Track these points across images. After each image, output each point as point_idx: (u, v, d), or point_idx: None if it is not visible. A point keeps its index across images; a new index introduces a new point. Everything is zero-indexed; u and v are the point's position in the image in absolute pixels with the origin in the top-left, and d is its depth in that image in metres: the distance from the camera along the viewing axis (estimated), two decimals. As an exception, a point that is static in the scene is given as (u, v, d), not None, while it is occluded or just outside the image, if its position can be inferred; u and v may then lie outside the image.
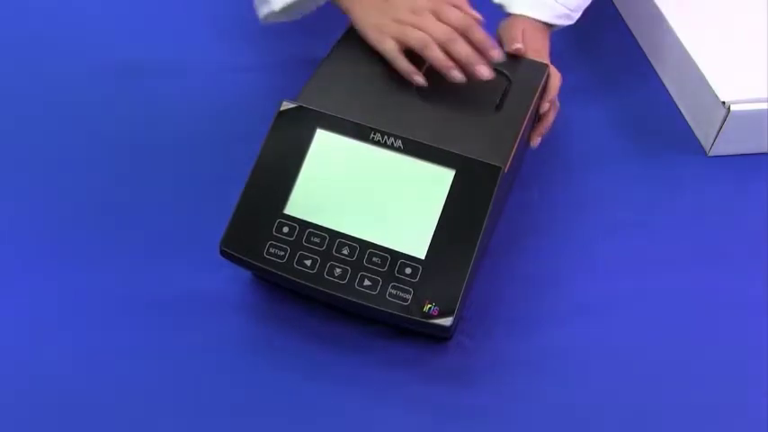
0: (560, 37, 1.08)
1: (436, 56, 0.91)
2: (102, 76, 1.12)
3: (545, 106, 0.97)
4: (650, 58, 1.20)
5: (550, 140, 1.03)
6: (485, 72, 0.91)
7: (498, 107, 0.92)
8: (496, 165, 0.84)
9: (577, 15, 1.06)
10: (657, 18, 1.15)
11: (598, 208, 1.01)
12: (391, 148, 0.85)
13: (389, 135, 0.85)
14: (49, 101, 1.09)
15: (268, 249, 0.83)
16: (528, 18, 1.02)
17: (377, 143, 0.85)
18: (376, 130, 0.85)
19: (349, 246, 0.83)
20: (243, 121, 1.04)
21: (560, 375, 0.87)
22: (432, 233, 0.83)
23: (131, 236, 0.95)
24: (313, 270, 0.82)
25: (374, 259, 0.82)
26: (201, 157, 1.02)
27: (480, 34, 0.92)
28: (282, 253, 0.83)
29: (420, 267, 0.82)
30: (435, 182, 0.84)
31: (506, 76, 0.95)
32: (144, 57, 1.14)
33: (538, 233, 0.99)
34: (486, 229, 0.84)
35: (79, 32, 1.18)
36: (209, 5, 1.22)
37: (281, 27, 1.06)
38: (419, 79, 0.91)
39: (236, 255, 0.84)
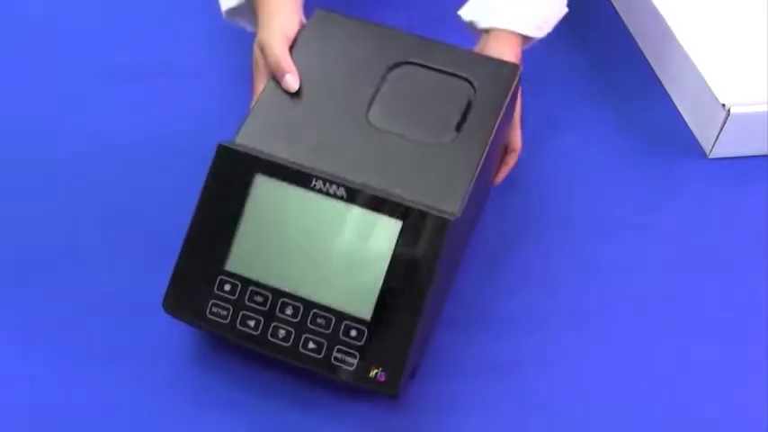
0: (560, 39, 1.07)
1: None
2: (98, 77, 1.09)
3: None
4: (650, 60, 1.18)
5: (550, 142, 1.04)
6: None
7: (459, 126, 0.84)
8: (445, 216, 0.77)
9: (548, 29, 0.97)
10: (657, 20, 1.13)
11: (598, 209, 1.00)
12: (334, 196, 0.79)
13: (332, 182, 0.79)
14: (42, 102, 1.06)
15: (211, 309, 0.80)
16: (506, 33, 0.92)
17: (319, 191, 0.79)
18: (317, 177, 0.79)
19: (292, 306, 0.79)
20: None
21: (560, 377, 0.86)
22: (378, 292, 0.78)
23: (121, 239, 0.93)
24: (256, 331, 0.79)
25: (318, 320, 0.78)
26: (196, 162, 0.93)
27: None
28: (225, 313, 0.80)
29: (365, 330, 0.77)
30: (381, 234, 0.78)
31: (470, 83, 0.87)
32: (139, 59, 1.11)
33: (537, 234, 0.97)
34: (439, 283, 0.79)
35: (70, 35, 1.14)
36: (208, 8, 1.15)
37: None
38: (290, 81, 0.85)
39: (177, 315, 0.81)
